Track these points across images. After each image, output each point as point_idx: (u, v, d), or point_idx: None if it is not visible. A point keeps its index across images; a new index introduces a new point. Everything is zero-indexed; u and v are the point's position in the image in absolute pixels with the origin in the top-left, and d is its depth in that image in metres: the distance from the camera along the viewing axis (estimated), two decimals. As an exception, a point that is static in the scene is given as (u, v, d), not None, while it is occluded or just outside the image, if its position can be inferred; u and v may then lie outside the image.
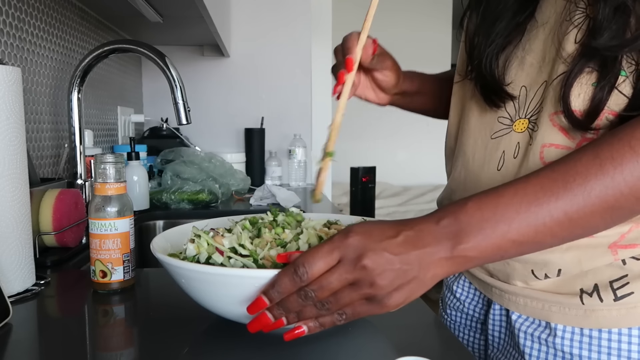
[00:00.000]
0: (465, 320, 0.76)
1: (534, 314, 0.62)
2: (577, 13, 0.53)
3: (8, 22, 0.99)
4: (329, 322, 0.49)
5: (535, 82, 0.59)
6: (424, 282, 0.47)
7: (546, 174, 0.47)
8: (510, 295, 0.64)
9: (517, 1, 0.60)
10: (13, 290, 0.68)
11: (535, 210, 0.45)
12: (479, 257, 0.47)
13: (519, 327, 0.64)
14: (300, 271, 0.45)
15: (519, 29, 0.60)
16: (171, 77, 1.06)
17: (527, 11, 0.59)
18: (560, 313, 0.60)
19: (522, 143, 0.59)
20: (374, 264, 0.45)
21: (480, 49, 0.62)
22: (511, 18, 0.60)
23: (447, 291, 0.80)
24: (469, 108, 0.68)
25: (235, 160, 1.91)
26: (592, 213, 0.45)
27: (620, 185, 0.44)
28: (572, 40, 0.53)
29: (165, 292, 0.73)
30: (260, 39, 2.11)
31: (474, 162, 0.65)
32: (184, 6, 1.38)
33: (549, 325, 0.61)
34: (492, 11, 0.62)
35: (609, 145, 0.45)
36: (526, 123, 0.59)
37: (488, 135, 0.63)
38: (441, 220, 0.47)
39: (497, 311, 0.68)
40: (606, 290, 0.57)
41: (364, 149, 4.29)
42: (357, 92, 0.75)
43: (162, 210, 1.39)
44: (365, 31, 0.65)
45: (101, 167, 0.70)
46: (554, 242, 0.48)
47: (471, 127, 0.67)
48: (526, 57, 0.60)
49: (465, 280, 0.76)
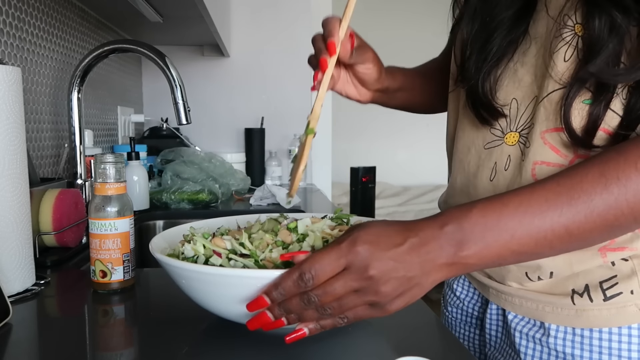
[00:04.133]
0: (464, 317, 0.78)
1: (528, 314, 0.63)
2: (565, 30, 0.54)
3: (8, 22, 0.99)
4: (329, 324, 0.49)
5: (526, 97, 0.59)
6: (424, 287, 0.47)
7: (551, 187, 0.47)
8: (506, 295, 0.66)
9: (512, 17, 0.59)
10: (13, 290, 0.68)
11: (538, 223, 0.46)
12: (479, 264, 0.47)
13: (514, 326, 0.65)
14: (306, 277, 0.45)
15: (513, 44, 0.59)
16: (171, 77, 1.06)
17: (521, 27, 0.59)
18: (553, 313, 0.61)
19: (513, 156, 0.60)
20: (380, 273, 0.45)
21: (472, 64, 0.61)
22: (505, 35, 0.59)
23: (447, 289, 0.81)
24: (463, 115, 0.68)
25: (235, 160, 1.91)
26: (592, 230, 0.46)
27: (622, 205, 0.45)
28: (561, 57, 0.54)
29: (165, 292, 0.73)
30: (260, 39, 2.11)
31: (469, 170, 0.66)
32: (184, 6, 1.38)
33: (543, 325, 0.62)
34: (487, 26, 0.60)
35: (615, 164, 0.45)
36: (517, 137, 0.60)
37: (481, 145, 0.64)
38: (445, 226, 0.47)
39: (494, 311, 0.70)
40: (596, 290, 0.58)
41: (364, 149, 4.29)
42: (336, 88, 0.71)
43: (162, 210, 1.39)
44: (347, 19, 0.60)
45: (101, 167, 0.70)
46: (551, 254, 0.49)
47: (466, 135, 0.67)
48: (518, 71, 0.60)
49: (465, 280, 0.77)
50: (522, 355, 0.64)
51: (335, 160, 2.37)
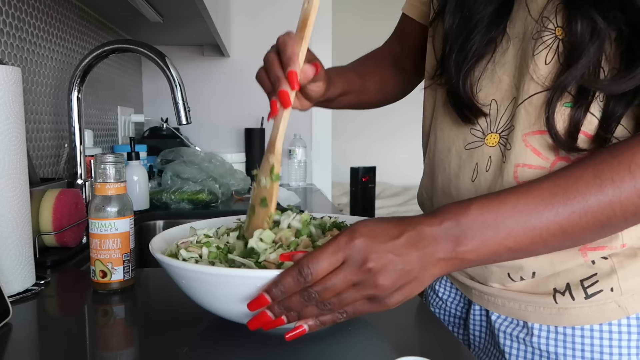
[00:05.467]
0: (447, 317, 0.78)
1: (511, 314, 0.65)
2: (546, 33, 0.54)
3: (8, 22, 0.99)
4: (329, 320, 0.49)
5: (505, 98, 0.59)
6: (422, 282, 0.48)
7: (548, 187, 0.48)
8: (489, 296, 0.66)
9: (491, 15, 0.59)
10: (13, 290, 0.68)
11: (534, 222, 0.47)
12: (475, 260, 0.48)
13: (498, 327, 0.66)
14: (304, 272, 0.46)
15: (492, 43, 0.59)
16: (171, 77, 1.06)
17: (500, 25, 0.59)
18: (536, 312, 0.62)
19: (494, 158, 0.61)
20: (378, 265, 0.45)
21: (452, 61, 0.61)
22: (485, 32, 0.59)
23: (429, 290, 0.81)
24: (442, 115, 0.67)
25: (235, 160, 1.91)
26: (585, 229, 0.48)
27: (615, 206, 0.46)
28: (542, 60, 0.55)
29: (165, 292, 0.73)
30: (260, 39, 2.11)
31: (449, 170, 0.66)
32: (184, 6, 1.38)
33: (526, 325, 0.63)
34: (467, 23, 0.60)
35: (609, 167, 0.47)
36: (497, 138, 0.60)
37: (462, 146, 0.64)
38: (443, 221, 0.47)
39: (477, 311, 0.70)
40: (577, 288, 0.59)
41: (364, 149, 4.29)
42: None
43: (162, 210, 1.39)
44: (306, 41, 0.55)
45: (101, 167, 0.70)
46: (545, 251, 0.50)
47: (445, 135, 0.67)
48: (496, 71, 0.60)
49: (447, 281, 0.77)
50: (507, 355, 0.65)
51: (335, 160, 2.37)
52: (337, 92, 0.71)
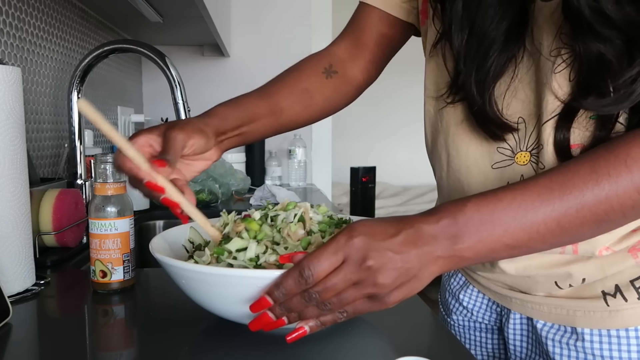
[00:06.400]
0: (475, 324, 0.76)
1: (558, 320, 0.63)
2: (565, 49, 0.52)
3: (8, 22, 0.99)
4: (329, 320, 0.49)
5: (532, 114, 0.57)
6: (422, 280, 0.48)
7: (544, 183, 0.48)
8: (533, 304, 0.65)
9: (507, 31, 0.56)
10: (13, 290, 0.68)
11: (531, 218, 0.47)
12: (473, 257, 0.48)
13: (545, 334, 0.64)
14: (305, 274, 0.45)
15: (512, 60, 0.57)
16: (171, 77, 1.06)
17: (519, 40, 0.56)
18: (585, 317, 0.61)
19: (527, 177, 0.58)
20: (377, 263, 0.45)
21: (472, 81, 0.58)
22: (503, 49, 0.56)
23: (450, 298, 0.79)
24: (455, 134, 0.64)
25: (235, 160, 1.91)
26: (582, 224, 0.47)
27: (612, 201, 0.46)
28: (566, 77, 0.53)
29: (165, 292, 0.73)
30: (260, 39, 2.11)
31: (471, 190, 0.63)
32: (184, 6, 1.38)
33: (575, 330, 0.62)
34: (481, 40, 0.56)
35: (605, 162, 0.46)
36: (528, 156, 0.58)
37: (488, 165, 0.61)
38: (441, 220, 0.47)
39: (518, 320, 0.68)
40: (628, 289, 0.59)
41: (364, 149, 4.30)
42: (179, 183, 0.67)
43: (162, 210, 1.39)
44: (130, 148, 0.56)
45: (101, 167, 0.70)
46: (543, 248, 0.49)
47: (461, 154, 0.64)
48: (519, 87, 0.58)
49: (474, 290, 0.74)
50: None
51: (335, 160, 2.37)
52: (232, 125, 0.69)
